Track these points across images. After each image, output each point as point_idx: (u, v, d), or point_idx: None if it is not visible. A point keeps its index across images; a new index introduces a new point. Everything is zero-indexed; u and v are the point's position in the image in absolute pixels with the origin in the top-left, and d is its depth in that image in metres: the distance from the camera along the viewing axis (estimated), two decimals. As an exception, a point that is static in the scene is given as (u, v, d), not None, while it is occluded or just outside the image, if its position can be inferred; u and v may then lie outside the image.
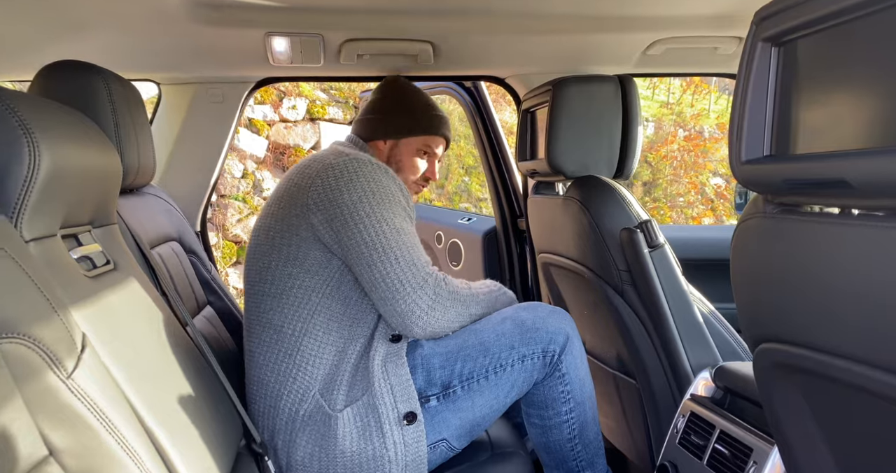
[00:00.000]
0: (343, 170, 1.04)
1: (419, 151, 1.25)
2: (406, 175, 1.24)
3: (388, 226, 1.01)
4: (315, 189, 1.03)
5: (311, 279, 1.04)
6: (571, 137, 1.28)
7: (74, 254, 0.69)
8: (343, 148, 1.17)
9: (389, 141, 1.24)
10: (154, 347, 0.77)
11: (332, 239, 1.02)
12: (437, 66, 1.51)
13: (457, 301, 1.05)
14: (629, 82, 1.32)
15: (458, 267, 2.04)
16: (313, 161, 1.09)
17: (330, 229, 1.02)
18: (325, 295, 1.04)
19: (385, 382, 1.01)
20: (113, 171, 0.82)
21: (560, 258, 1.42)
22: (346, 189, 1.02)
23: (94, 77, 0.93)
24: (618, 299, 1.24)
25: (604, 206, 1.22)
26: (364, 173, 1.04)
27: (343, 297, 1.04)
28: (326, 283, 1.04)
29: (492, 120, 1.86)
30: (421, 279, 1.01)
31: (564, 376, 1.09)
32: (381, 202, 1.02)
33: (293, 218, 1.04)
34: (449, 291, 1.04)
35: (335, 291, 1.04)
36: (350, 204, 1.01)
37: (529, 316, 1.09)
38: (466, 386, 1.05)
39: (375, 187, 1.03)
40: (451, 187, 6.29)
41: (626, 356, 1.30)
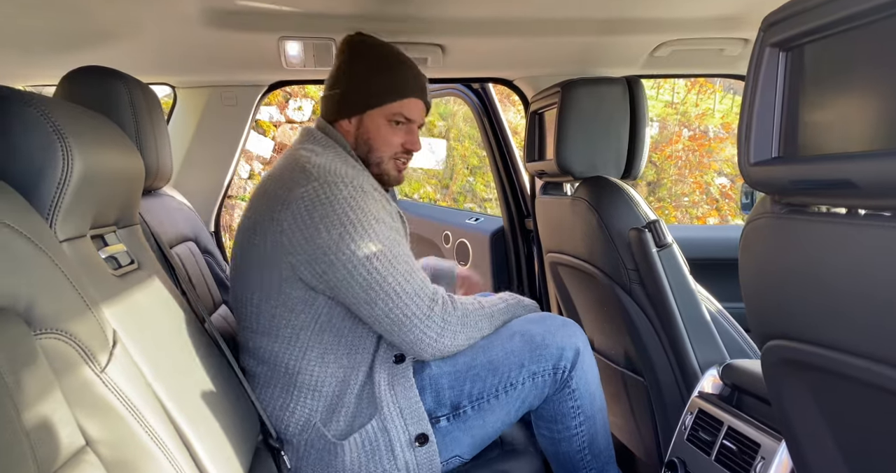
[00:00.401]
0: (314, 200, 0.92)
1: (389, 122, 1.07)
2: (380, 153, 1.08)
3: (378, 261, 0.92)
4: (289, 226, 0.92)
5: (297, 318, 0.97)
6: (580, 138, 1.30)
7: (102, 254, 0.72)
8: (309, 151, 1.01)
9: (353, 118, 1.08)
10: (177, 344, 0.79)
11: (317, 279, 0.94)
12: (446, 69, 1.53)
13: (467, 324, 1.01)
14: (637, 84, 1.34)
15: (466, 266, 2.06)
16: (280, 182, 0.96)
17: (312, 271, 0.93)
18: (314, 331, 0.98)
19: (394, 405, 0.98)
20: (136, 173, 0.84)
21: (568, 257, 1.44)
22: (323, 225, 0.91)
23: (116, 82, 0.96)
24: (626, 297, 1.26)
25: (612, 206, 1.24)
26: (338, 200, 0.92)
27: (335, 330, 0.99)
28: (314, 320, 0.98)
29: (499, 121, 1.88)
30: (426, 308, 0.95)
31: (574, 391, 1.06)
32: (365, 232, 0.92)
33: (270, 255, 0.94)
34: (459, 315, 0.99)
35: (326, 325, 0.98)
36: (331, 243, 0.91)
37: (539, 330, 1.06)
38: (477, 405, 1.03)
39: (355, 215, 0.92)
40: (455, 187, 6.30)
41: (633, 354, 1.32)
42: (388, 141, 1.08)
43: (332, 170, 0.95)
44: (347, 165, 1.01)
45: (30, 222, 0.54)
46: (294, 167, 0.98)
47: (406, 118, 1.08)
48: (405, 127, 1.09)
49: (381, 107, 1.07)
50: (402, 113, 1.07)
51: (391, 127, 1.08)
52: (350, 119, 1.08)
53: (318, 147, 1.04)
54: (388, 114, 1.07)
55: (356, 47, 1.09)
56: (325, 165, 0.96)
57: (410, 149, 1.10)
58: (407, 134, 1.09)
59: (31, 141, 0.60)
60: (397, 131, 1.08)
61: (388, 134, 1.08)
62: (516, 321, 1.10)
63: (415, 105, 1.09)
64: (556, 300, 1.70)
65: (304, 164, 0.97)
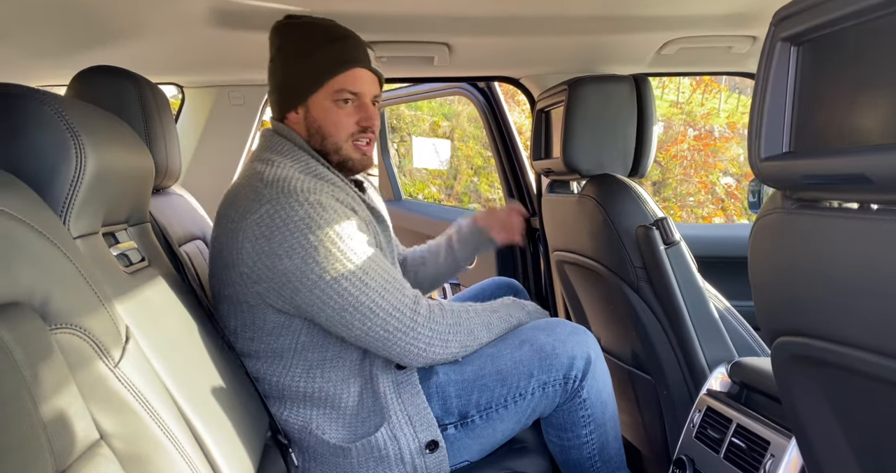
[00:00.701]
0: (269, 226, 0.86)
1: (335, 102, 0.98)
2: (334, 138, 0.99)
3: (347, 281, 0.86)
4: (248, 256, 0.87)
5: (276, 341, 0.94)
6: (587, 136, 1.30)
7: (114, 251, 0.73)
8: (264, 163, 0.95)
9: (299, 108, 0.99)
10: (188, 341, 0.80)
11: (288, 305, 0.90)
12: (452, 68, 1.53)
13: (459, 332, 0.97)
14: (644, 82, 1.33)
15: (471, 266, 2.06)
16: (234, 206, 0.91)
17: (280, 297, 0.89)
18: (296, 351, 0.95)
19: (402, 413, 0.96)
20: (147, 172, 0.85)
21: (575, 255, 1.44)
22: (283, 251, 0.85)
23: (126, 82, 0.97)
24: (633, 295, 1.26)
25: (620, 204, 1.23)
26: (294, 222, 0.85)
27: (318, 347, 0.95)
28: (294, 341, 0.94)
29: (505, 119, 1.88)
30: (409, 321, 0.91)
31: (585, 401, 1.04)
32: (328, 252, 0.85)
33: (236, 285, 0.90)
34: (449, 323, 0.96)
35: (307, 345, 0.94)
36: (294, 269, 0.85)
37: (548, 339, 1.02)
38: (485, 415, 1.01)
39: (315, 236, 0.85)
40: (459, 187, 6.30)
41: (641, 351, 1.32)
42: (338, 123, 0.99)
43: (285, 187, 0.88)
44: (306, 173, 0.95)
45: (44, 218, 0.55)
46: (247, 187, 0.92)
47: (352, 92, 0.98)
48: (355, 103, 0.99)
49: (321, 87, 0.97)
50: (345, 88, 0.97)
51: (339, 107, 0.98)
52: (296, 110, 1.00)
53: (273, 154, 0.97)
54: (331, 93, 0.98)
55: (282, 32, 1.00)
56: (278, 181, 0.89)
57: (367, 126, 1.00)
58: (358, 110, 0.99)
59: (45, 139, 0.60)
60: (347, 110, 0.99)
61: (337, 115, 0.98)
62: (525, 328, 1.06)
63: (359, 76, 0.99)
64: (562, 299, 1.70)
65: (256, 184, 0.91)
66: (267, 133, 1.03)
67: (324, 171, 0.99)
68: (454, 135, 6.46)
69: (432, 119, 6.39)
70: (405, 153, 6.18)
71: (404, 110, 6.18)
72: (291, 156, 0.98)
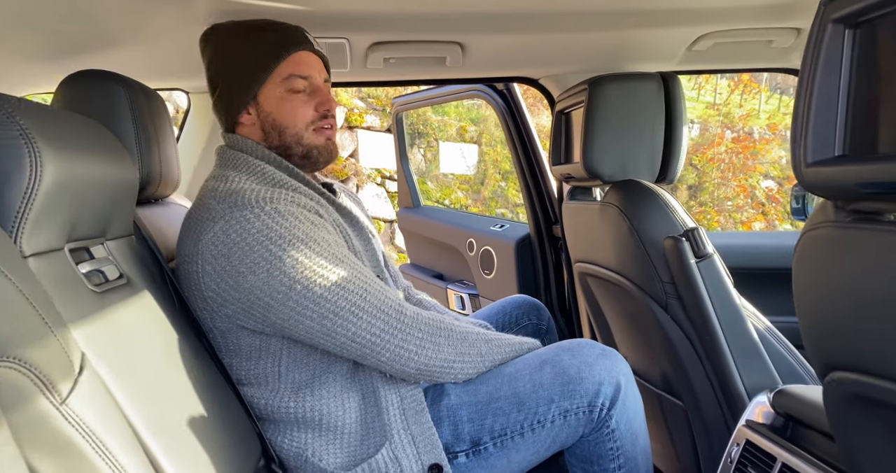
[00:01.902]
0: (225, 243, 0.80)
1: (286, 92, 0.93)
2: (293, 129, 0.93)
3: (321, 288, 0.80)
4: (210, 279, 0.82)
5: (256, 365, 0.88)
6: (609, 139, 1.20)
7: (83, 268, 0.67)
8: (219, 180, 0.89)
9: (250, 109, 0.94)
10: (165, 364, 0.74)
11: (262, 324, 0.84)
12: (466, 69, 1.45)
13: (451, 336, 0.90)
14: (673, 79, 1.23)
15: (491, 276, 1.97)
16: (189, 229, 0.86)
17: (252, 317, 0.83)
18: (280, 374, 0.88)
19: (405, 432, 0.89)
20: (128, 181, 0.80)
21: (598, 268, 1.33)
22: (245, 267, 0.80)
23: (115, 86, 0.93)
24: (661, 313, 1.15)
25: (645, 213, 1.13)
26: (251, 235, 0.80)
27: (304, 367, 0.89)
28: (276, 364, 0.88)
29: (525, 122, 1.79)
30: (396, 321, 0.85)
31: (614, 432, 0.94)
32: (295, 261, 0.80)
33: (202, 312, 0.86)
34: (437, 326, 0.89)
35: (291, 366, 0.88)
36: (260, 285, 0.80)
37: (573, 361, 0.93)
38: (500, 442, 0.93)
39: (276, 246, 0.79)
40: (487, 192, 6.22)
41: (671, 374, 1.21)
42: (294, 112, 0.93)
43: (238, 200, 0.83)
44: (263, 183, 0.89)
45: (-14, 237, 0.49)
46: (200, 206, 0.87)
47: (301, 77, 0.93)
48: (308, 90, 0.94)
49: (268, 77, 0.92)
50: (293, 73, 0.92)
51: (291, 96, 0.93)
52: (247, 110, 0.94)
53: (228, 170, 0.92)
54: (280, 82, 0.92)
55: (212, 38, 0.96)
56: (231, 195, 0.84)
57: (326, 110, 0.94)
58: (313, 95, 0.94)
59: None
60: (300, 98, 0.94)
61: (291, 105, 0.93)
62: (548, 348, 0.98)
63: (305, 59, 0.94)
64: (586, 313, 1.60)
65: (209, 202, 0.86)
66: (220, 150, 0.98)
67: (284, 178, 0.93)
68: (482, 139, 6.40)
69: (459, 124, 6.35)
70: (432, 158, 6.14)
71: (431, 115, 6.15)
72: (247, 169, 0.92)
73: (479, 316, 1.35)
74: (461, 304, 2.10)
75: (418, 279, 2.31)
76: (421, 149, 6.08)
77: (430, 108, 6.17)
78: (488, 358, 0.95)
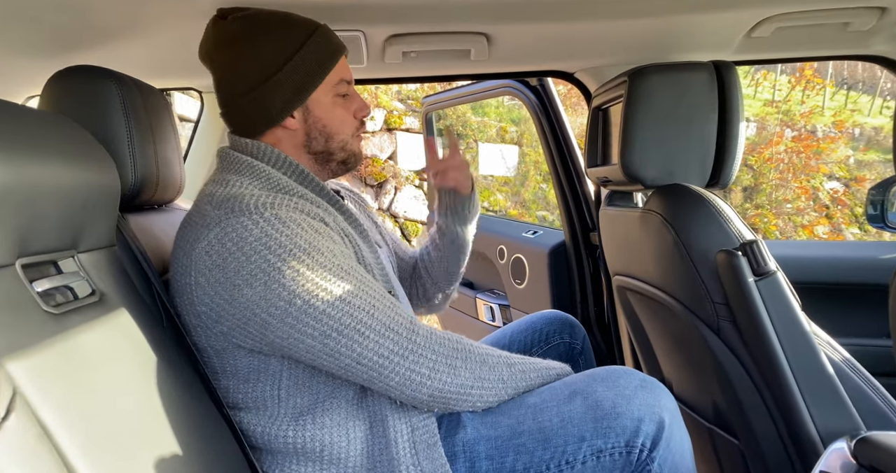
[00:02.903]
0: (220, 253, 0.73)
1: (336, 97, 0.88)
2: (341, 136, 0.89)
3: (324, 303, 0.72)
4: (204, 293, 0.75)
5: (255, 389, 0.80)
6: (652, 138, 1.05)
7: (40, 286, 0.60)
8: (218, 184, 0.82)
9: (295, 113, 0.86)
10: (137, 395, 0.65)
11: (260, 342, 0.77)
12: (493, 63, 1.33)
13: (469, 358, 0.81)
14: (728, 69, 1.07)
15: (522, 286, 1.84)
16: (183, 236, 0.79)
17: (249, 335, 0.76)
18: (281, 398, 0.80)
19: (415, 468, 0.80)
20: (106, 186, 0.73)
21: (638, 282, 1.18)
22: (241, 279, 0.72)
23: (105, 82, 0.86)
24: (712, 338, 0.99)
25: (693, 222, 0.98)
26: (249, 244, 0.72)
27: (305, 388, 0.81)
28: (276, 387, 0.80)
29: (560, 121, 1.66)
30: (407, 341, 0.76)
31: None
32: (296, 272, 0.72)
33: (196, 329, 0.79)
34: (453, 347, 0.80)
35: (293, 390, 0.80)
36: (257, 299, 0.72)
37: (608, 393, 0.82)
38: None
39: (275, 256, 0.72)
40: (527, 194, 6.06)
41: (725, 407, 1.05)
42: (344, 119, 0.89)
43: (236, 206, 0.75)
44: (267, 188, 0.82)
45: None
46: (196, 213, 0.80)
47: (348, 81, 0.90)
48: (349, 95, 0.90)
49: (322, 82, 0.86)
50: (343, 78, 0.88)
51: (340, 101, 0.89)
52: (292, 115, 0.87)
53: (229, 174, 0.85)
54: (332, 86, 0.87)
55: (241, 26, 0.84)
56: (229, 201, 0.77)
57: (364, 115, 0.92)
58: (353, 101, 0.90)
59: None
60: (346, 103, 0.90)
61: (342, 111, 0.89)
62: (579, 376, 0.87)
63: (345, 63, 0.90)
64: (626, 331, 1.44)
65: (205, 207, 0.79)
66: (222, 152, 0.90)
67: (289, 184, 0.86)
68: (522, 140, 6.24)
69: (500, 124, 6.22)
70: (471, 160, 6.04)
71: (471, 116, 6.05)
72: (250, 173, 0.85)
73: (506, 333, 1.23)
74: (491, 315, 1.98)
75: (447, 287, 2.20)
76: (460, 151, 5.98)
77: (470, 109, 6.06)
78: (511, 384, 0.85)
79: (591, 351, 1.23)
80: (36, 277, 0.60)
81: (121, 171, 0.87)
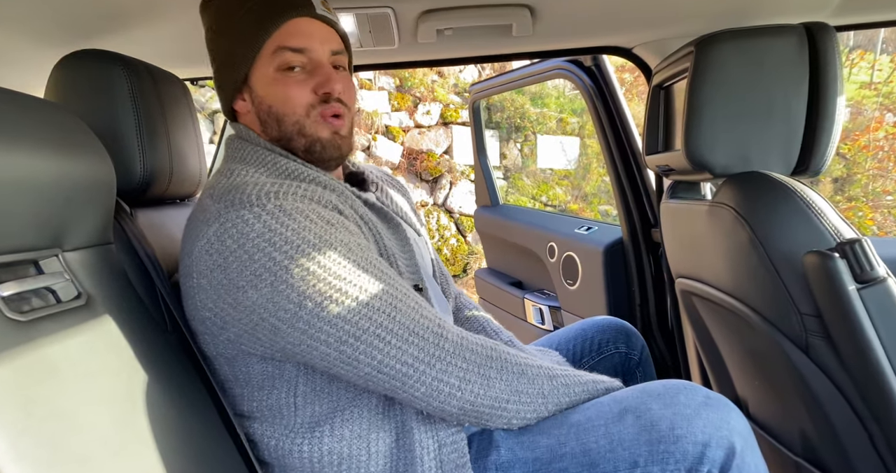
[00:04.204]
0: (221, 252, 0.66)
1: (278, 72, 0.76)
2: (291, 117, 0.77)
3: (338, 305, 0.65)
4: (205, 293, 0.68)
5: (269, 396, 0.73)
6: (722, 117, 0.89)
7: (6, 290, 0.54)
8: (224, 175, 0.76)
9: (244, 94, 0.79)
10: (113, 415, 0.59)
11: (270, 349, 0.70)
12: (538, 39, 1.20)
13: (505, 369, 0.71)
14: (824, 33, 0.88)
15: (574, 287, 1.69)
16: (186, 233, 0.73)
17: (258, 341, 0.69)
18: (297, 406, 0.73)
19: None
20: (96, 179, 0.67)
21: (705, 287, 1.02)
22: (245, 281, 0.65)
23: (111, 66, 0.81)
24: (799, 357, 0.82)
25: (774, 216, 0.81)
26: (251, 240, 0.65)
27: (324, 395, 0.73)
28: (291, 395, 0.73)
29: (618, 105, 1.49)
30: (434, 347, 0.68)
31: None
32: (305, 269, 0.64)
33: (204, 335, 0.72)
34: (487, 355, 0.71)
35: (310, 395, 0.73)
36: (264, 302, 0.65)
37: (665, 412, 0.70)
38: None
39: (280, 254, 0.64)
40: (589, 188, 5.80)
41: (815, 437, 0.87)
42: (288, 96, 0.76)
43: (237, 198, 0.68)
44: (274, 175, 0.75)
45: None
46: (197, 208, 0.73)
47: (294, 49, 0.75)
48: (307, 67, 0.76)
49: (257, 54, 0.75)
50: (284, 45, 0.75)
51: (283, 76, 0.76)
52: (241, 97, 0.79)
53: (235, 163, 0.78)
54: (269, 59, 0.75)
55: (208, 8, 0.80)
56: (230, 192, 0.69)
57: (327, 92, 0.76)
58: (312, 74, 0.76)
59: None
60: (296, 77, 0.76)
61: (285, 86, 0.76)
62: (631, 391, 0.76)
63: (301, 28, 0.75)
64: (692, 341, 1.27)
65: (205, 201, 0.72)
66: (228, 140, 0.83)
67: (298, 168, 0.77)
68: (584, 132, 5.98)
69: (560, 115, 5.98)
70: (529, 153, 5.85)
71: (529, 108, 5.86)
72: (255, 160, 0.78)
73: (552, 340, 1.11)
74: (540, 318, 1.84)
75: (494, 286, 2.08)
76: (517, 144, 5.81)
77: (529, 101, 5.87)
78: (552, 399, 0.75)
79: (652, 363, 1.09)
80: (3, 279, 0.55)
81: (128, 163, 0.82)
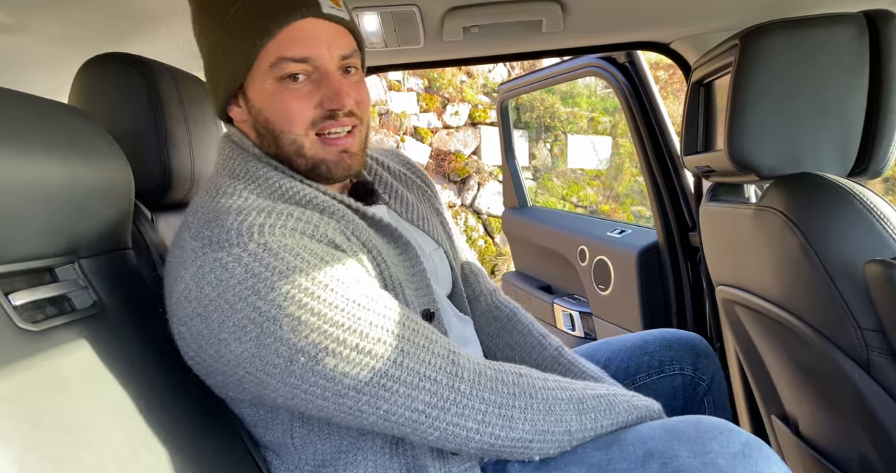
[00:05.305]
0: (198, 296, 0.59)
1: (278, 81, 0.66)
2: (289, 135, 0.67)
3: (336, 357, 0.58)
4: (186, 343, 0.61)
5: (266, 434, 0.69)
6: (771, 114, 0.82)
7: (18, 299, 0.53)
8: (212, 193, 0.66)
9: (240, 101, 0.70)
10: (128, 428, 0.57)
11: (259, 398, 0.63)
12: (570, 35, 1.15)
13: (530, 406, 0.64)
14: (888, 21, 0.81)
15: (607, 292, 1.62)
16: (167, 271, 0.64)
17: (244, 391, 0.63)
18: (295, 447, 0.68)
19: None
20: (113, 184, 0.66)
21: (750, 296, 0.95)
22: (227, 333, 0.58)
23: (130, 70, 0.80)
24: (859, 375, 0.75)
25: (831, 222, 0.75)
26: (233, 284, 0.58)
27: (325, 435, 0.68)
28: (287, 434, 0.67)
29: (653, 102, 1.43)
30: (448, 389, 0.61)
31: None
32: (296, 319, 0.57)
33: (195, 374, 0.65)
34: (508, 392, 0.64)
35: (308, 437, 0.68)
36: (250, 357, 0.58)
37: (693, 461, 0.61)
38: None
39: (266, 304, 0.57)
40: (621, 188, 5.66)
41: (878, 464, 0.80)
42: (288, 111, 0.66)
43: (214, 233, 0.60)
44: (266, 196, 0.66)
45: None
46: (174, 243, 0.65)
47: (297, 59, 0.65)
48: (312, 76, 0.66)
49: (254, 60, 0.65)
50: (284, 55, 0.64)
51: (284, 87, 0.65)
52: (237, 102, 0.70)
53: (224, 177, 0.68)
54: (267, 68, 0.65)
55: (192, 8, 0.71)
56: (209, 224, 0.61)
57: (335, 108, 0.66)
58: (317, 86, 0.66)
59: None
60: (298, 89, 0.66)
61: (284, 100, 0.66)
62: (657, 429, 0.66)
63: (305, 33, 0.65)
64: (735, 353, 1.20)
65: (183, 234, 0.63)
66: (222, 141, 0.74)
67: (294, 186, 0.68)
68: (616, 131, 5.85)
69: (591, 115, 5.87)
70: (559, 153, 5.75)
71: (559, 107, 5.76)
72: (246, 176, 0.68)
73: (603, 350, 0.98)
74: (570, 324, 1.78)
75: (522, 290, 2.03)
76: (547, 144, 5.73)
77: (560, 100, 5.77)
78: (578, 435, 0.67)
79: (726, 391, 0.96)
80: (16, 288, 0.53)
81: (148, 167, 0.81)
